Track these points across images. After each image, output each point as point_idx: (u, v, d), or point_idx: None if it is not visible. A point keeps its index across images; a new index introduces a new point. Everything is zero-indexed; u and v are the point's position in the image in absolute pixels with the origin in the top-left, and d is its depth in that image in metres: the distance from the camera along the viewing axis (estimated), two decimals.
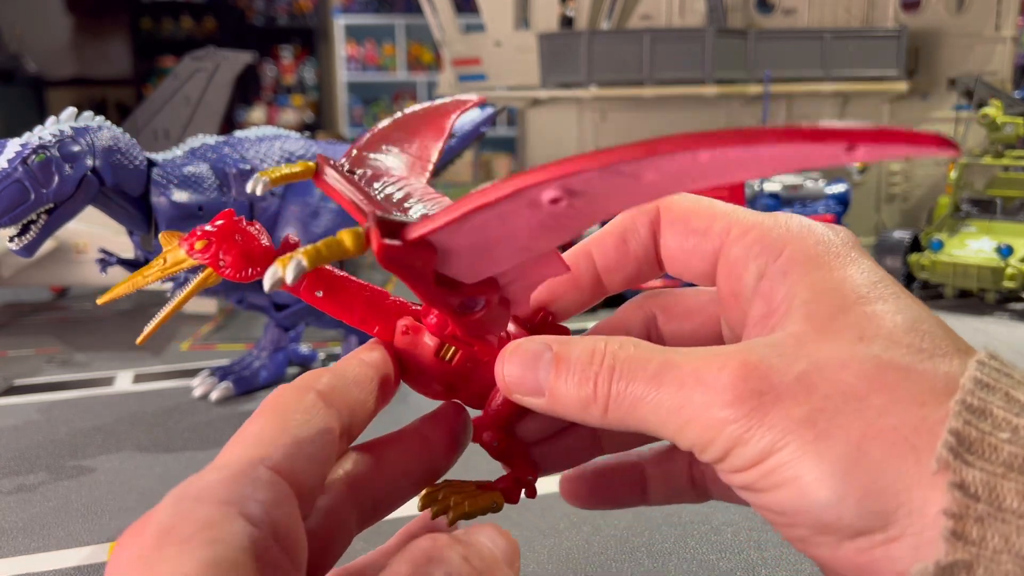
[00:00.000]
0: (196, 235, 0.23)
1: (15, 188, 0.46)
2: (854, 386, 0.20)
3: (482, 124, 0.75)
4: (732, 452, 0.20)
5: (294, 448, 0.20)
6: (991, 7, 1.22)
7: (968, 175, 0.92)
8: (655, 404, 0.22)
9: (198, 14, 3.83)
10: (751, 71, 1.18)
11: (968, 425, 0.19)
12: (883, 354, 0.20)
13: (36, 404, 0.61)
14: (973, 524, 0.18)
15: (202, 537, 0.17)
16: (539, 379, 0.23)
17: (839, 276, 0.22)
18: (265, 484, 0.19)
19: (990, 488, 0.18)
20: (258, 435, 0.21)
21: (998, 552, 0.18)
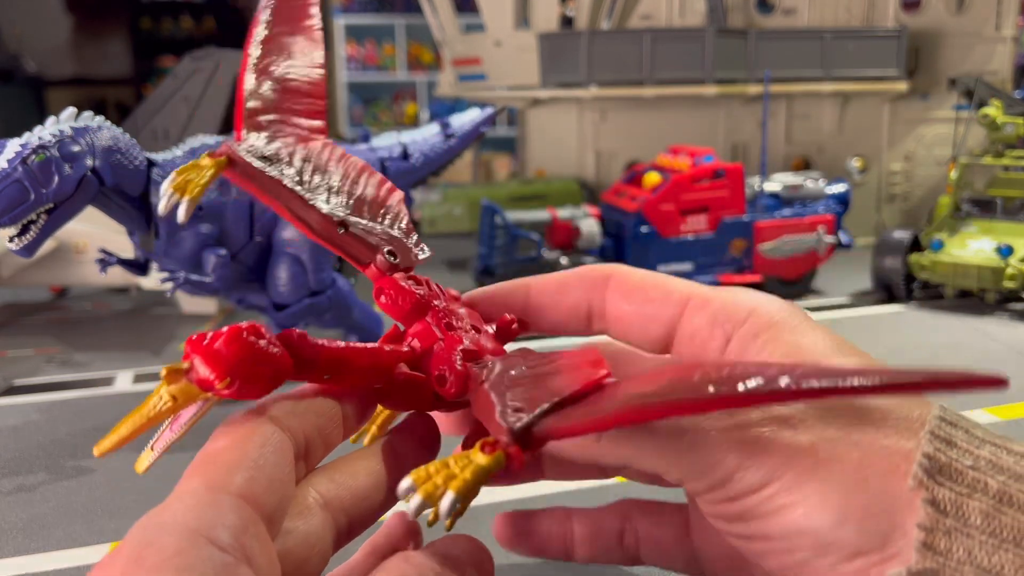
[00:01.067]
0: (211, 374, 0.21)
1: (15, 188, 0.46)
2: (845, 421, 0.22)
3: (482, 124, 0.75)
4: (730, 481, 0.21)
5: (254, 472, 0.21)
6: (991, 7, 1.22)
7: (968, 175, 0.92)
8: (652, 436, 0.22)
9: (198, 14, 3.83)
10: (751, 71, 1.18)
11: (938, 451, 0.21)
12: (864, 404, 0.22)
13: (36, 404, 0.61)
14: (942, 537, 0.20)
15: (172, 564, 0.17)
16: None
17: (806, 337, 0.24)
18: (230, 510, 0.19)
19: (957, 506, 0.20)
20: (217, 461, 0.21)
21: (961, 563, 0.20)
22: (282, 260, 0.57)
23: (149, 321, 0.84)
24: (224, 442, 0.22)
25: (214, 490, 0.20)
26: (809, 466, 0.21)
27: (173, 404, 0.22)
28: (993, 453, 0.21)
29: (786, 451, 0.21)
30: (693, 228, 0.88)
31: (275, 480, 0.21)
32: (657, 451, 0.23)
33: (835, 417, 0.22)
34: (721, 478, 0.22)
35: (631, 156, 1.21)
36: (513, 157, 2.29)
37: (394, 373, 0.24)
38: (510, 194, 1.18)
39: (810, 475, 0.21)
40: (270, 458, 0.21)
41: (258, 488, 0.20)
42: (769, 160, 1.17)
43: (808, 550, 0.21)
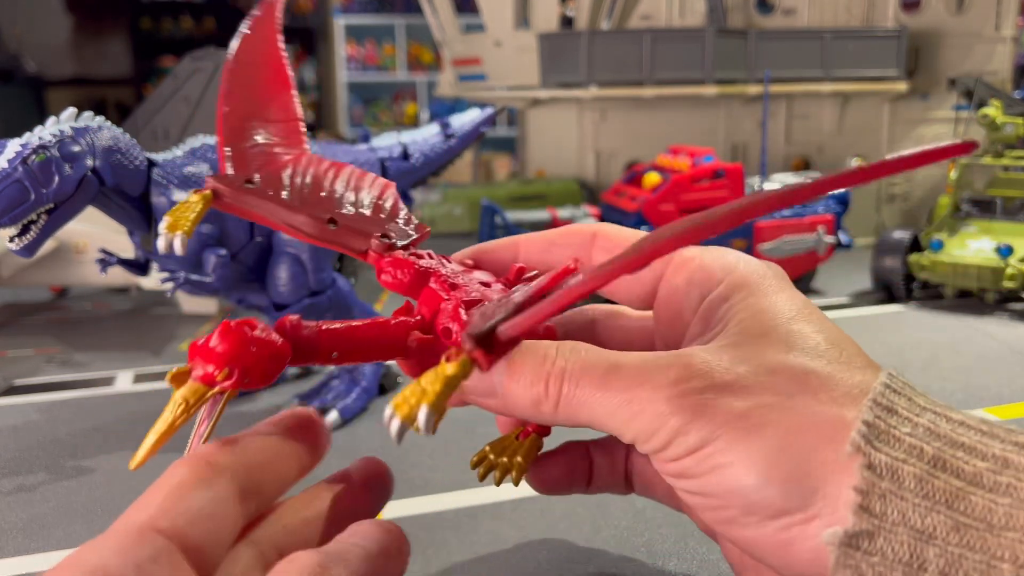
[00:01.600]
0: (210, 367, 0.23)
1: (15, 188, 0.46)
2: (783, 388, 0.23)
3: (482, 124, 0.75)
4: (673, 442, 0.23)
5: (181, 509, 0.22)
6: (991, 7, 1.22)
7: (968, 175, 0.92)
8: (603, 402, 0.24)
9: (198, 14, 3.83)
10: (751, 71, 1.18)
11: (878, 419, 0.22)
12: (808, 363, 0.24)
13: (36, 404, 0.61)
14: (877, 500, 0.21)
15: None
16: (493, 382, 0.26)
17: (771, 300, 0.26)
18: (145, 543, 0.20)
19: (893, 470, 0.21)
20: (148, 502, 0.22)
21: (896, 524, 0.21)
22: (282, 260, 0.57)
23: (149, 321, 0.84)
24: (158, 484, 0.23)
25: (143, 529, 0.21)
26: (742, 430, 0.22)
27: (186, 406, 0.23)
28: (932, 421, 0.23)
29: (723, 416, 0.23)
30: None
31: (203, 516, 0.22)
32: (611, 417, 0.24)
33: (776, 384, 0.23)
34: (665, 440, 0.23)
35: (631, 156, 1.21)
36: (513, 157, 2.29)
37: (407, 342, 0.26)
38: (510, 194, 1.18)
39: (742, 439, 0.22)
40: (200, 495, 0.22)
41: (182, 522, 0.21)
42: (769, 160, 1.17)
43: (737, 508, 0.23)
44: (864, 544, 0.21)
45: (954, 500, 0.21)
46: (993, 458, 0.22)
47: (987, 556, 0.20)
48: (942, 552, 0.20)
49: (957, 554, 0.20)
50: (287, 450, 0.25)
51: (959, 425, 0.23)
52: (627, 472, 0.33)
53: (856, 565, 0.21)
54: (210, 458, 0.23)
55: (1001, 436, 0.22)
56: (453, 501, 0.44)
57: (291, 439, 0.25)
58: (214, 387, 0.23)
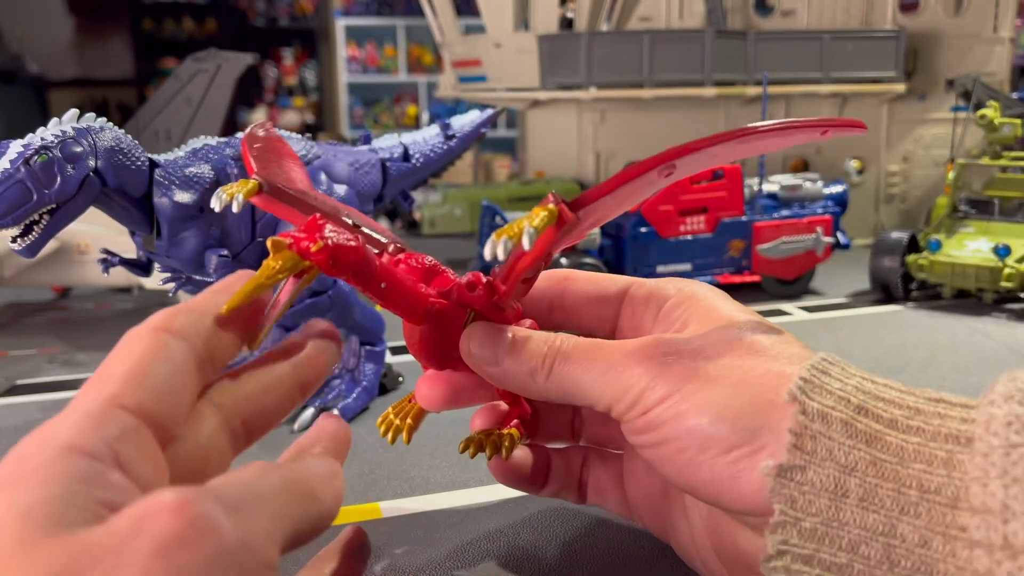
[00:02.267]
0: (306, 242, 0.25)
1: (17, 189, 0.46)
2: (735, 353, 0.28)
3: (482, 125, 0.75)
4: (642, 396, 0.28)
5: (144, 384, 0.22)
6: (989, 8, 1.22)
7: (966, 176, 0.92)
8: (587, 370, 0.29)
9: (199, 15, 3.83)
10: (750, 72, 1.18)
11: (813, 376, 0.26)
12: (756, 337, 0.29)
13: (38, 404, 0.62)
14: (808, 440, 0.25)
15: (38, 476, 0.18)
16: (497, 353, 0.31)
17: (718, 303, 0.31)
18: (111, 421, 0.21)
19: (823, 416, 0.25)
20: (110, 375, 0.22)
21: (824, 460, 0.25)
22: None
23: None
24: (118, 356, 0.23)
25: (103, 402, 0.21)
26: (702, 381, 0.27)
27: (275, 271, 0.25)
28: (860, 382, 0.27)
29: (686, 372, 0.27)
30: (692, 229, 0.88)
31: (165, 391, 0.22)
32: (593, 383, 0.29)
33: (732, 350, 0.28)
34: (636, 395, 0.28)
35: (630, 157, 1.21)
36: (513, 158, 2.29)
37: (427, 305, 0.30)
38: (510, 195, 1.19)
39: (701, 387, 0.27)
40: (162, 369, 0.23)
41: (147, 399, 0.22)
42: (767, 161, 1.17)
43: (694, 447, 0.26)
44: (796, 476, 0.25)
45: (873, 440, 0.25)
46: (907, 408, 0.26)
47: (898, 484, 0.24)
48: (861, 482, 0.24)
49: (874, 484, 0.24)
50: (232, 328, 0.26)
51: (883, 386, 0.27)
52: (581, 480, 0.37)
53: (789, 494, 0.24)
54: (168, 327, 0.24)
55: (916, 393, 0.27)
56: (453, 500, 0.44)
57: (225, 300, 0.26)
58: (307, 259, 0.25)
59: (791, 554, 0.24)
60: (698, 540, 0.32)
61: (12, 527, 0.17)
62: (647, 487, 0.35)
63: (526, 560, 0.37)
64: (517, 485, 0.37)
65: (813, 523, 0.24)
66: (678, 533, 0.34)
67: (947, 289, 0.85)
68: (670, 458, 0.27)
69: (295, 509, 0.22)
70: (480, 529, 0.40)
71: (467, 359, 0.31)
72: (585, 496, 0.37)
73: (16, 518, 0.17)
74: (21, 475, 0.19)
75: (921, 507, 0.23)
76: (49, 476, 0.18)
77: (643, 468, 0.35)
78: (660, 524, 0.35)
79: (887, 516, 0.24)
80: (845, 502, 0.24)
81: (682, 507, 0.33)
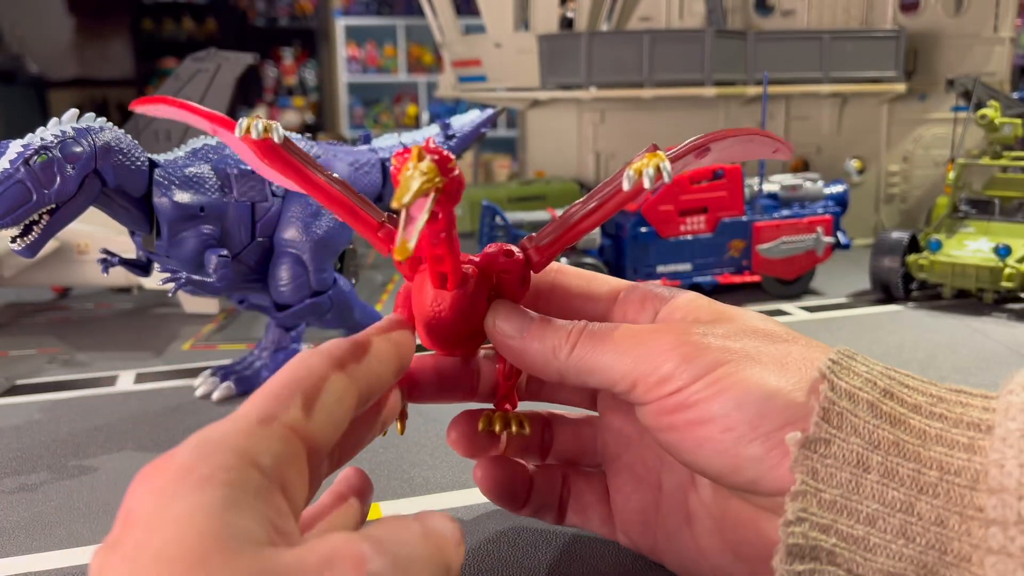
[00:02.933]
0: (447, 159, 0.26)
1: (17, 189, 0.46)
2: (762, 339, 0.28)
3: (482, 125, 0.75)
4: (676, 373, 0.27)
5: (310, 409, 0.23)
6: (989, 8, 1.22)
7: (966, 176, 0.92)
8: (612, 348, 0.29)
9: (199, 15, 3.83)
10: (750, 72, 1.18)
11: (841, 359, 0.27)
12: (776, 329, 0.30)
13: (38, 404, 0.61)
14: (835, 415, 0.25)
15: (218, 479, 0.19)
16: (521, 326, 0.31)
17: (723, 306, 0.31)
18: (278, 439, 0.22)
19: (850, 394, 0.26)
20: (279, 393, 0.23)
21: (848, 435, 0.25)
22: (284, 260, 0.57)
23: (151, 321, 0.84)
24: (291, 375, 0.24)
25: (269, 418, 0.22)
26: (745, 358, 0.27)
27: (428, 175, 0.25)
28: (884, 369, 0.27)
29: (722, 351, 0.27)
30: (692, 229, 0.88)
31: (330, 420, 0.24)
32: (618, 360, 0.28)
33: (755, 336, 0.29)
34: (668, 373, 0.27)
35: (630, 157, 1.21)
36: (513, 158, 2.29)
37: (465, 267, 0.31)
38: (510, 195, 1.18)
39: (743, 365, 0.27)
40: (329, 398, 0.24)
41: (312, 425, 0.23)
42: (768, 161, 1.17)
43: (744, 424, 0.26)
44: (820, 448, 0.25)
45: (897, 422, 0.25)
46: (931, 395, 0.26)
47: (919, 465, 0.25)
48: (883, 460, 0.25)
49: (895, 462, 0.25)
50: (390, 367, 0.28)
51: (905, 375, 0.28)
52: (561, 500, 0.37)
53: (812, 465, 0.25)
54: (342, 363, 0.25)
55: (938, 384, 0.27)
56: (453, 500, 0.44)
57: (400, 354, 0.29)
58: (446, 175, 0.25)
59: (810, 522, 0.24)
60: (707, 545, 0.31)
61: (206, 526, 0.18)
62: (638, 501, 0.34)
63: (526, 560, 0.37)
64: (500, 500, 0.36)
65: (833, 495, 0.25)
66: (679, 544, 0.33)
67: (947, 289, 0.85)
68: (708, 439, 0.26)
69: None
70: (481, 529, 0.40)
71: (490, 332, 0.31)
72: (564, 516, 0.37)
73: (207, 517, 0.18)
74: (206, 473, 0.19)
75: (940, 487, 0.24)
76: (229, 481, 0.19)
77: (632, 481, 0.35)
78: (651, 539, 0.34)
79: (906, 494, 0.24)
80: (866, 477, 0.25)
81: (683, 516, 0.33)
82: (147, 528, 0.18)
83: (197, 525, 0.18)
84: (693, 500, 0.32)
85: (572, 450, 0.37)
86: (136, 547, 0.18)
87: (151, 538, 0.18)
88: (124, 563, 0.18)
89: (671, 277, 0.88)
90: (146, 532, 0.18)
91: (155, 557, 0.18)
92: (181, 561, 0.17)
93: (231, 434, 0.21)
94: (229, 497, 0.19)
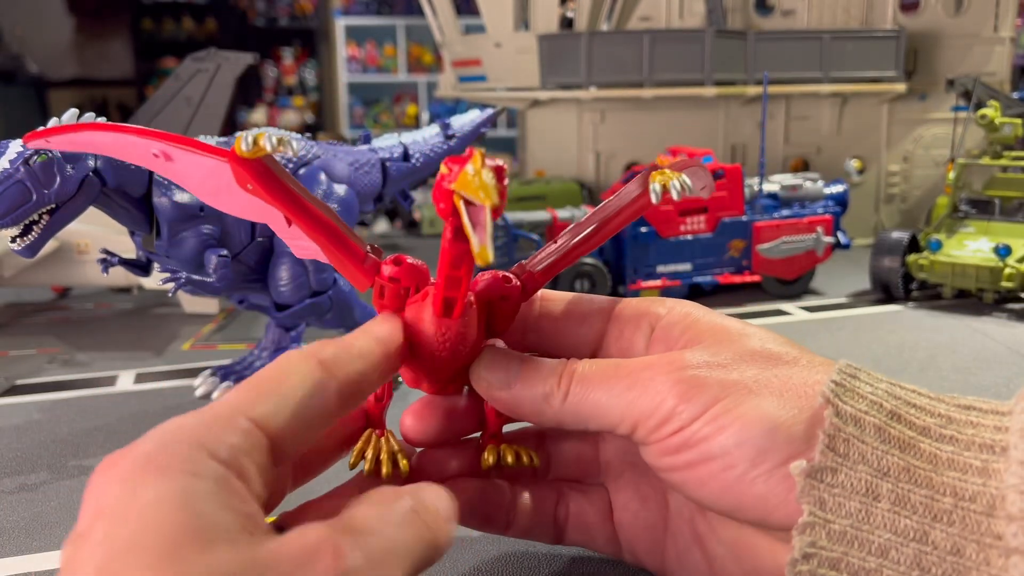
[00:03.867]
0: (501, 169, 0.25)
1: (17, 189, 0.46)
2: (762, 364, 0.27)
3: (482, 125, 0.75)
4: (675, 413, 0.26)
5: (280, 404, 0.23)
6: (989, 8, 1.22)
7: (966, 176, 0.92)
8: (608, 390, 0.28)
9: (199, 15, 3.83)
10: (750, 72, 1.18)
11: (844, 380, 0.26)
12: (775, 348, 0.28)
13: (38, 404, 0.61)
14: (841, 442, 0.25)
15: (178, 468, 0.20)
16: (508, 375, 0.29)
17: (718, 319, 0.30)
18: (239, 432, 0.22)
19: (856, 419, 0.25)
20: (253, 389, 0.24)
21: (856, 463, 0.24)
22: (283, 261, 0.57)
23: (151, 321, 0.84)
24: (270, 373, 0.25)
25: (235, 412, 0.22)
26: (744, 391, 0.26)
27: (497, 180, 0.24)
28: (889, 387, 0.27)
29: (720, 385, 0.26)
30: (692, 228, 0.88)
31: (300, 417, 0.24)
32: (615, 402, 0.27)
33: (759, 361, 0.27)
34: (667, 413, 0.26)
35: (630, 157, 1.21)
36: (513, 158, 2.29)
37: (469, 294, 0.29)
38: (510, 195, 1.18)
39: (743, 398, 0.26)
40: (304, 397, 0.24)
41: (279, 420, 0.23)
42: (768, 161, 1.17)
43: (746, 462, 0.25)
44: (827, 477, 0.24)
45: (906, 446, 0.25)
46: (940, 416, 0.26)
47: (931, 491, 0.24)
48: (894, 487, 0.24)
49: (906, 489, 0.24)
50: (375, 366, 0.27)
51: (911, 392, 0.27)
52: (557, 519, 0.34)
53: (819, 495, 0.24)
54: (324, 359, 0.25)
55: (946, 400, 0.26)
56: None
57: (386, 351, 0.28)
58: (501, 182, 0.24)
59: (819, 557, 0.23)
60: (720, 569, 0.30)
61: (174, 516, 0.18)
62: (644, 519, 0.33)
63: (526, 560, 0.37)
64: (475, 523, 0.33)
65: (843, 525, 0.24)
66: (689, 565, 0.31)
67: (947, 289, 0.85)
68: (712, 477, 0.26)
69: (421, 562, 0.23)
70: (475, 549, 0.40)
71: (476, 383, 0.30)
72: (563, 535, 0.34)
73: (175, 507, 0.19)
74: (163, 463, 0.20)
75: (955, 514, 0.23)
76: (188, 471, 0.20)
77: (637, 499, 0.33)
78: (659, 559, 0.33)
79: (919, 522, 0.23)
80: (876, 506, 0.24)
81: (693, 537, 0.31)
82: (115, 519, 0.19)
83: (165, 515, 0.18)
84: (702, 524, 0.31)
85: (572, 470, 0.35)
86: (106, 538, 0.18)
87: (120, 529, 0.18)
88: (95, 555, 0.18)
89: (671, 277, 0.88)
90: (114, 523, 0.18)
91: (126, 548, 0.18)
92: (154, 551, 0.18)
93: (191, 426, 0.21)
94: (190, 486, 0.19)
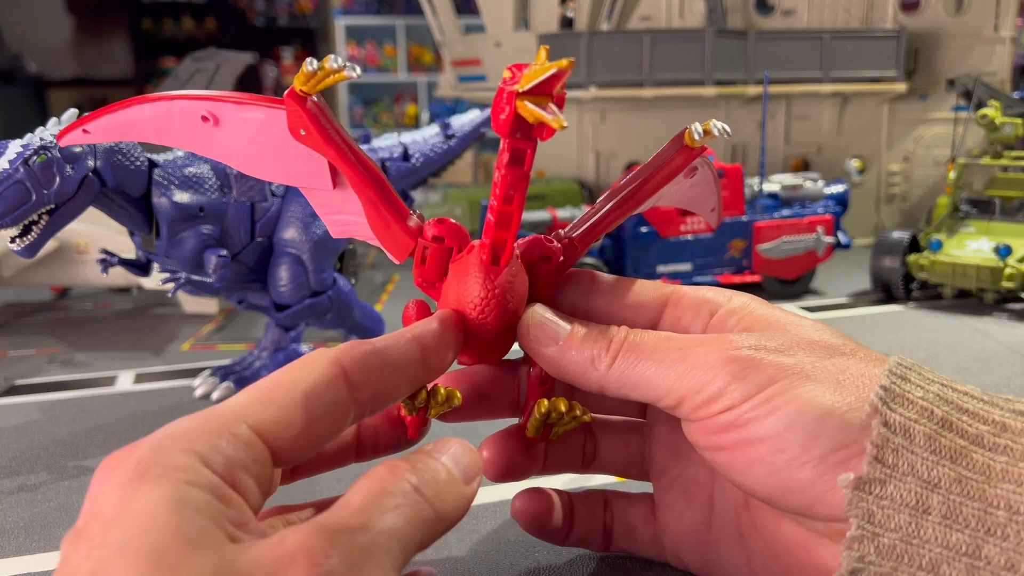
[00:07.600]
0: None
1: (16, 189, 0.46)
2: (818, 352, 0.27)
3: (482, 125, 0.75)
4: (726, 391, 0.26)
5: (286, 413, 0.23)
6: (990, 8, 1.22)
7: (967, 175, 0.92)
8: (657, 360, 0.27)
9: (199, 15, 3.83)
10: (750, 72, 1.18)
11: (893, 384, 0.25)
12: (831, 339, 0.28)
13: (37, 404, 0.61)
14: (890, 453, 0.24)
15: (171, 477, 0.20)
16: (557, 333, 0.29)
17: (773, 310, 0.30)
18: (240, 442, 0.22)
19: (905, 429, 0.24)
20: (260, 392, 0.23)
21: (905, 474, 0.24)
22: (283, 261, 0.57)
23: (150, 321, 0.84)
24: (286, 376, 0.24)
25: (237, 418, 0.22)
26: (799, 375, 0.25)
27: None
28: (941, 390, 0.26)
29: (775, 367, 0.26)
30: (692, 228, 0.88)
31: (307, 429, 0.23)
32: (663, 375, 0.27)
33: (810, 350, 0.27)
34: (717, 390, 0.26)
35: (631, 157, 1.21)
36: None
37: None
38: None
39: (798, 383, 0.25)
40: (320, 407, 0.24)
41: (285, 432, 0.23)
42: (768, 161, 1.17)
43: (796, 445, 0.24)
44: (876, 489, 0.23)
45: (958, 456, 0.24)
46: (993, 423, 0.24)
47: (984, 504, 0.23)
48: (945, 500, 0.23)
49: (958, 502, 0.23)
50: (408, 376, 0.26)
51: (963, 395, 0.26)
52: (605, 525, 0.34)
53: (867, 508, 0.23)
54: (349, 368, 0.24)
55: (1000, 404, 0.25)
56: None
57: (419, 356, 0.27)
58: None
59: (868, 572, 0.23)
60: (760, 567, 0.30)
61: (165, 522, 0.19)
62: (689, 519, 0.33)
63: (526, 561, 0.37)
64: (541, 533, 0.34)
65: (892, 539, 0.23)
66: (729, 565, 0.31)
67: (948, 289, 0.84)
68: (759, 460, 0.25)
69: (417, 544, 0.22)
70: (481, 530, 0.40)
71: (523, 339, 0.29)
72: (610, 542, 0.35)
73: (167, 514, 0.19)
74: (159, 471, 0.20)
75: (1009, 528, 0.22)
76: (182, 480, 0.20)
77: (682, 499, 0.33)
78: (702, 558, 0.32)
79: (972, 536, 0.23)
80: (927, 519, 0.23)
81: (735, 536, 0.31)
82: (110, 522, 0.19)
83: (157, 520, 0.19)
84: (745, 520, 0.31)
85: (619, 461, 0.35)
86: (101, 539, 0.19)
87: (114, 532, 0.19)
88: (90, 556, 0.19)
89: (671, 277, 0.88)
90: (109, 526, 0.19)
91: (118, 551, 0.19)
92: (144, 555, 0.18)
93: (189, 432, 0.21)
94: (182, 495, 0.20)
